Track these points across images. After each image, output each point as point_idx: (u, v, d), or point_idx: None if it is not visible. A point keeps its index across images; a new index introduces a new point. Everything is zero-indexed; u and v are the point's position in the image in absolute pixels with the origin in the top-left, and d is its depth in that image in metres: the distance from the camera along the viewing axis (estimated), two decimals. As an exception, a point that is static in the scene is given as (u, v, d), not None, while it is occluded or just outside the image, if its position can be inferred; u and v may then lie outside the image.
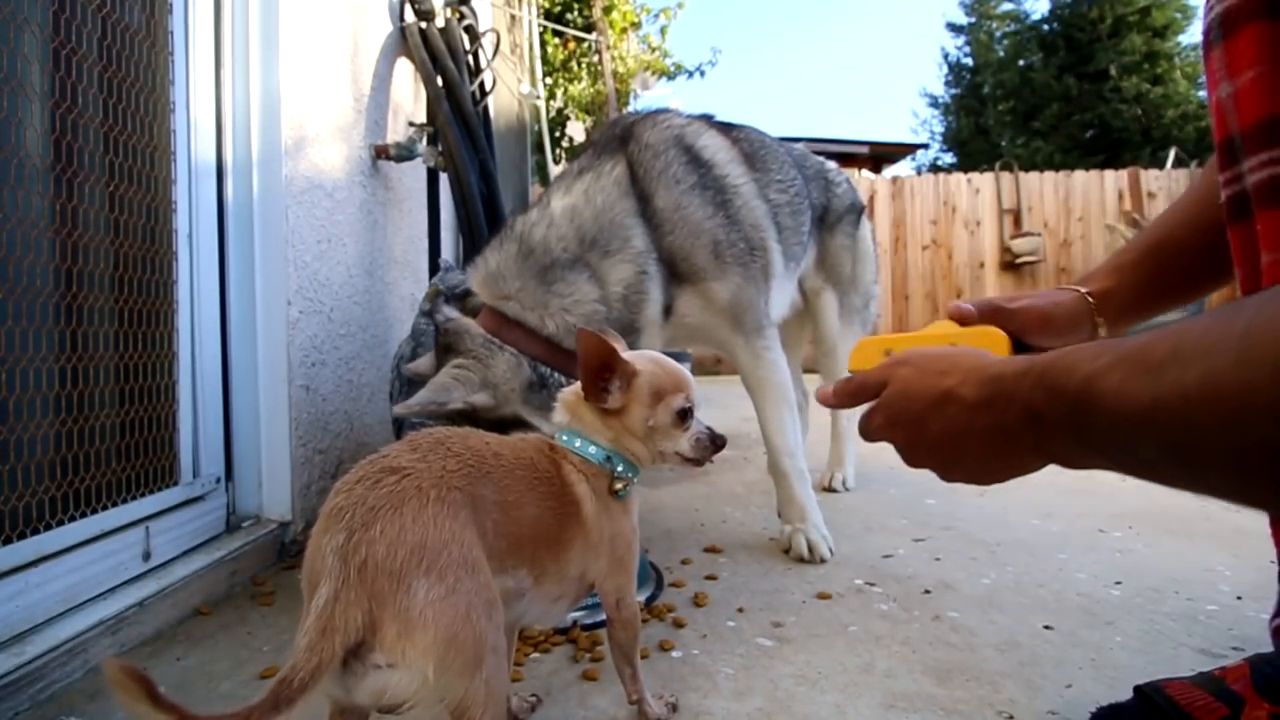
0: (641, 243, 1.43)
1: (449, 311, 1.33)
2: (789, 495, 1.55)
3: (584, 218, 1.40)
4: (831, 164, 2.13)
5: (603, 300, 1.39)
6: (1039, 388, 0.51)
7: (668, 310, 1.48)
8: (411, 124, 2.33)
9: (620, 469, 0.84)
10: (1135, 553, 1.51)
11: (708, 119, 1.71)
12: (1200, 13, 0.57)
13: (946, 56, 18.52)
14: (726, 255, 1.50)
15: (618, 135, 1.55)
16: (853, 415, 2.15)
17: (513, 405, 1.28)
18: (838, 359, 2.09)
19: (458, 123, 2.16)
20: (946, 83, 18.72)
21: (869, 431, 0.72)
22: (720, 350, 1.62)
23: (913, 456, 0.68)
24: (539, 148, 5.69)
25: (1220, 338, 0.38)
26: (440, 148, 2.17)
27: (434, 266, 2.34)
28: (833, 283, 2.03)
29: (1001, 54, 16.74)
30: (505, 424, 1.29)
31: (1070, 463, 0.53)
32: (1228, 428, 0.37)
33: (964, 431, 0.58)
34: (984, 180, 7.97)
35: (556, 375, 1.32)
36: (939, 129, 18.97)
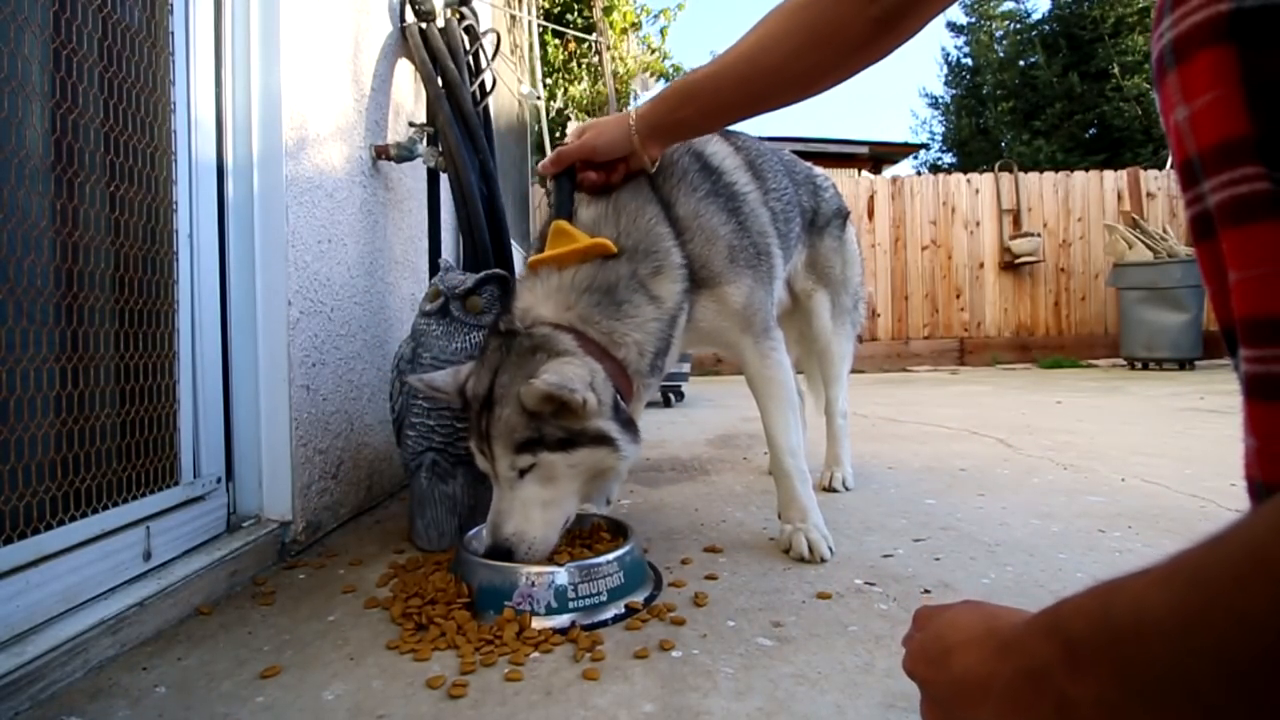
0: (677, 255, 1.42)
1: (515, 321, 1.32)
2: (791, 495, 1.55)
3: (624, 227, 1.39)
4: (818, 169, 2.15)
5: (658, 319, 1.39)
6: (1073, 615, 0.43)
7: (687, 319, 1.48)
8: (412, 124, 2.33)
9: None
10: (1135, 553, 1.51)
11: None
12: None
13: (947, 56, 18.57)
14: (740, 260, 1.50)
15: None
16: (848, 414, 2.16)
17: (604, 416, 1.25)
18: (829, 359, 2.10)
19: (458, 123, 2.16)
20: (946, 83, 18.76)
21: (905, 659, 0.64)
22: (726, 351, 1.62)
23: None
24: (539, 148, 5.69)
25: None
26: (440, 148, 2.17)
27: (434, 266, 2.34)
28: (824, 284, 2.05)
29: (1002, 54, 16.77)
30: (582, 438, 1.23)
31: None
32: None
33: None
34: (983, 180, 7.98)
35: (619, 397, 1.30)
36: (939, 129, 19.02)
